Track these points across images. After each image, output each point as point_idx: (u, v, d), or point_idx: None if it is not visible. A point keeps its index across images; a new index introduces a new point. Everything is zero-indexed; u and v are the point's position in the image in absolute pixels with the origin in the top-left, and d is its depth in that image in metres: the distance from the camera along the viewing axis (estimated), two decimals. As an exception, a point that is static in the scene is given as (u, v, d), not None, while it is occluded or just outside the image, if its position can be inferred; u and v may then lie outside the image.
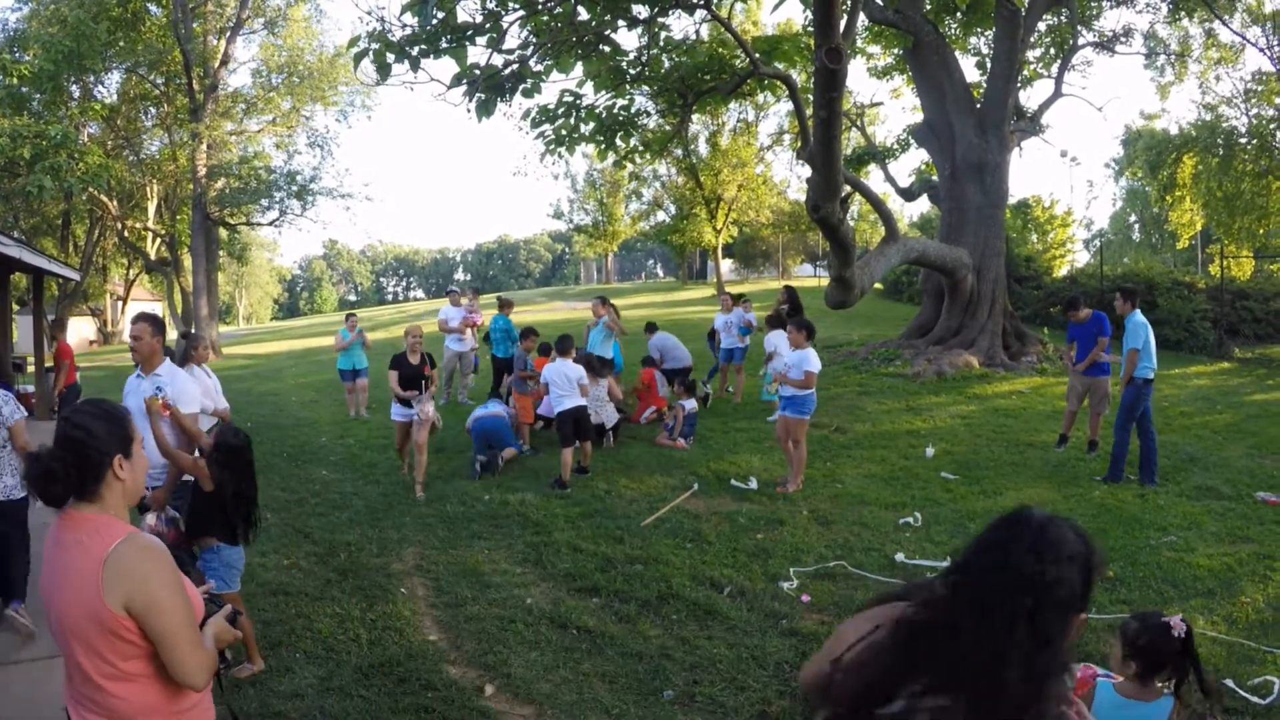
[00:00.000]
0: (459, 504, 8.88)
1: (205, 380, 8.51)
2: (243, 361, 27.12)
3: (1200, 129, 26.83)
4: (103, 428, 2.36)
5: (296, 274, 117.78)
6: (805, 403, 9.02)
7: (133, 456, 2.41)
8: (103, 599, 2.20)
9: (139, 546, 2.29)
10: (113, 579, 2.21)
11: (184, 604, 2.31)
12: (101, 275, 41.41)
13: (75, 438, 2.31)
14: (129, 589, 2.21)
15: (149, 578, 2.25)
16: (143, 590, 2.22)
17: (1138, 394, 9.32)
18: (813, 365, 8.92)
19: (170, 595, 2.27)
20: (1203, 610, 5.80)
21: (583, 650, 5.45)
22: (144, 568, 2.25)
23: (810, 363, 8.91)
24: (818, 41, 8.91)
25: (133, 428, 2.46)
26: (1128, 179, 52.71)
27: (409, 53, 8.90)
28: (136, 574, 2.23)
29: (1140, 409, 9.32)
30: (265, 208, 29.74)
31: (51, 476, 2.28)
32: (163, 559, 2.32)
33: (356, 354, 14.70)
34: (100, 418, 2.38)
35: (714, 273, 42.82)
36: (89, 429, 2.34)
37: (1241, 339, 21.05)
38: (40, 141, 22.46)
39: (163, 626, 2.24)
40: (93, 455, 2.31)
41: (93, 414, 2.39)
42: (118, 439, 2.37)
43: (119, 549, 2.25)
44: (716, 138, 37.54)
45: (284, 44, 30.83)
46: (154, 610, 2.23)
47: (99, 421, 2.37)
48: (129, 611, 2.22)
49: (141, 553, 2.28)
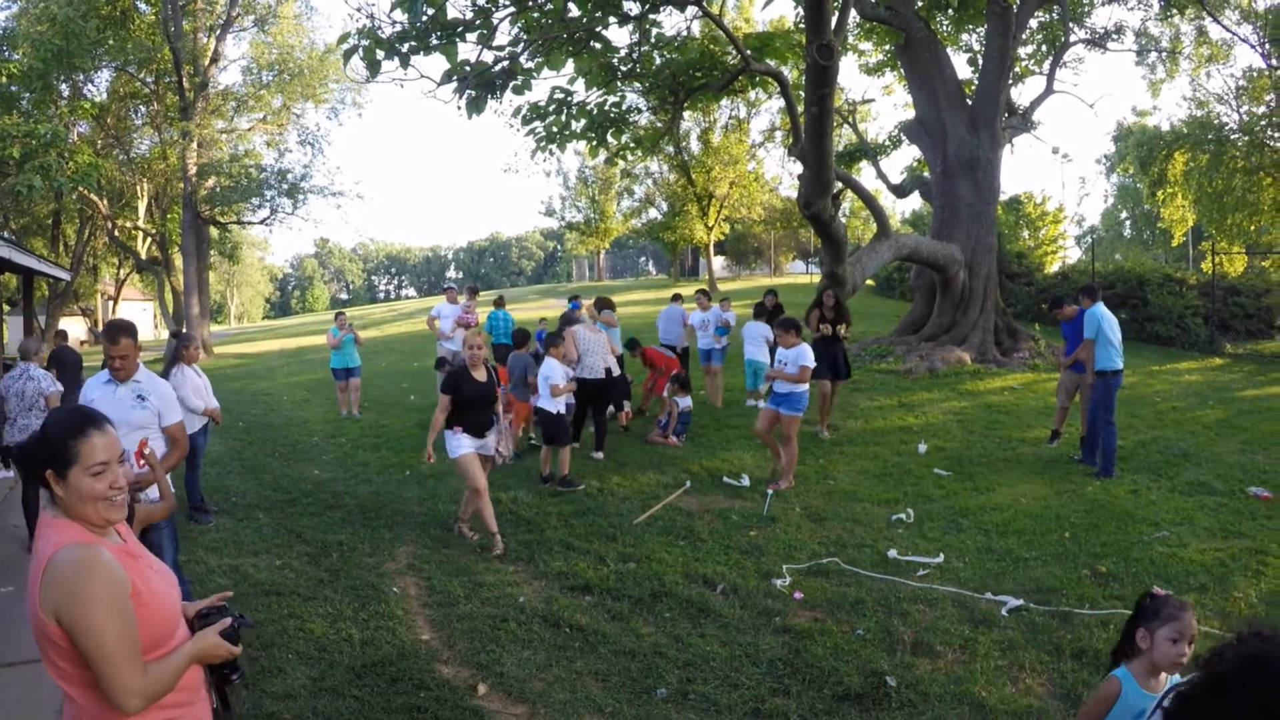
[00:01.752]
0: (451, 502, 8.85)
1: (195, 380, 8.49)
2: (234, 360, 27.06)
3: (1191, 125, 26.91)
4: (39, 437, 2.33)
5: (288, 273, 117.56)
6: (799, 399, 9.02)
7: (69, 480, 2.29)
8: (39, 608, 2.16)
9: (74, 560, 2.19)
10: (47, 588, 2.16)
11: (117, 622, 2.18)
12: (92, 275, 41.19)
13: (27, 446, 2.33)
14: (57, 601, 2.15)
15: (75, 594, 2.15)
16: (68, 606, 2.14)
17: (1106, 387, 9.44)
18: (808, 360, 8.93)
19: (100, 613, 2.16)
20: (1195, 605, 5.78)
21: (575, 649, 5.44)
22: (72, 583, 2.16)
23: (806, 358, 8.92)
24: (809, 38, 8.91)
25: (78, 449, 2.32)
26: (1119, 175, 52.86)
27: (399, 49, 8.87)
28: (65, 588, 2.15)
29: (1112, 400, 9.41)
30: (256, 206, 29.61)
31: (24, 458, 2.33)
32: (99, 575, 2.20)
33: (349, 352, 14.58)
34: (45, 426, 2.37)
35: (706, 270, 42.84)
36: (29, 441, 2.35)
37: (1233, 335, 21.11)
38: (30, 140, 22.32)
39: (86, 646, 2.15)
40: (34, 465, 2.30)
41: (48, 422, 2.39)
42: (53, 455, 2.29)
43: (55, 558, 2.18)
44: (708, 135, 37.60)
45: (274, 41, 30.73)
46: (77, 628, 2.14)
47: (43, 436, 2.34)
48: (59, 623, 2.15)
49: (72, 566, 2.18)
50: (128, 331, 5.13)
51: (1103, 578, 6.36)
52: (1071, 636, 5.34)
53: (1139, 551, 6.91)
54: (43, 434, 2.33)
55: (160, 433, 5.24)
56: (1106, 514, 7.93)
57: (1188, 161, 27.36)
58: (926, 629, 5.53)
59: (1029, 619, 5.66)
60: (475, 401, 7.31)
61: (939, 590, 6.19)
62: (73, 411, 2.43)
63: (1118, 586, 6.18)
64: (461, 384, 7.30)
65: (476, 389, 7.33)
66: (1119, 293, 21.55)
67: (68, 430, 2.32)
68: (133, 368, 5.14)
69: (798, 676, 4.96)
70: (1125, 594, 6.01)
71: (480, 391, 7.35)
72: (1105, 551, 6.92)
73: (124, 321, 5.25)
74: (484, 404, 7.39)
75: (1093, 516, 7.86)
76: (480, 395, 7.35)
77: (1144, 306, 21.23)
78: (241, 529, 8.24)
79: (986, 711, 4.53)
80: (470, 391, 7.29)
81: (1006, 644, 5.28)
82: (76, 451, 2.29)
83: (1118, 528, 7.53)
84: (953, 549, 7.11)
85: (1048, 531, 7.47)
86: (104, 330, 5.13)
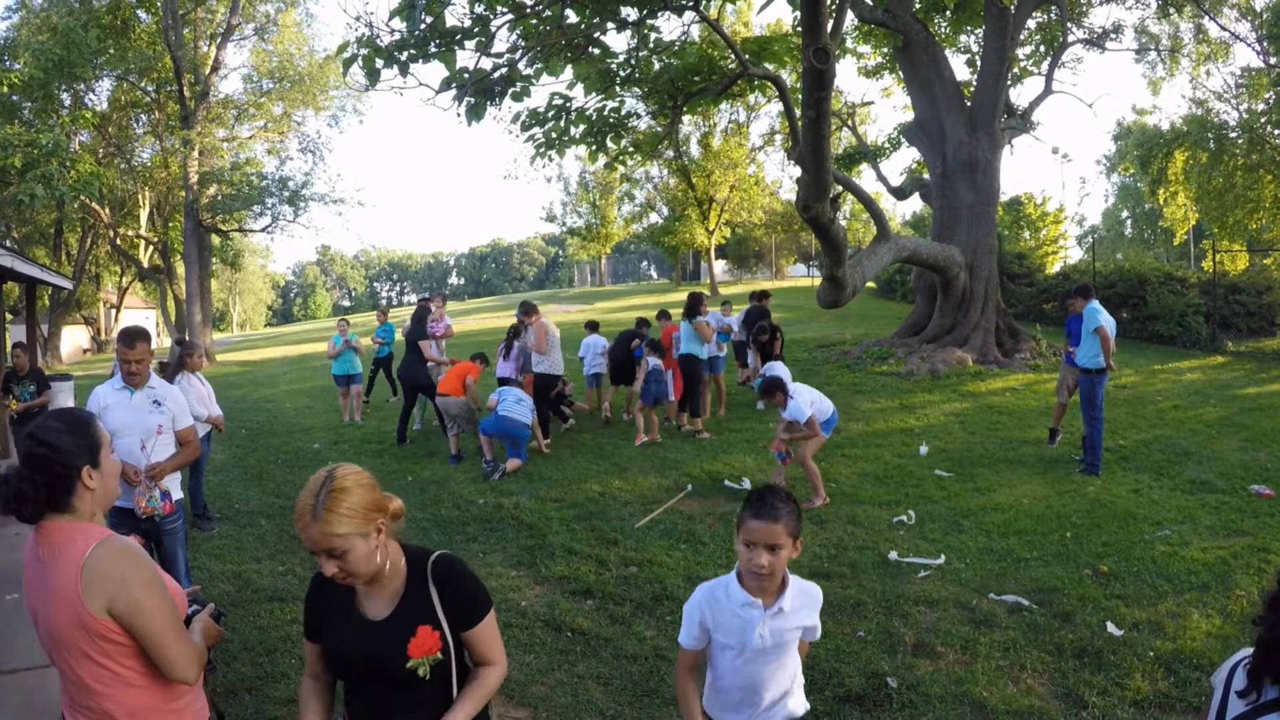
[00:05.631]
0: (453, 508, 8.88)
1: (199, 388, 8.52)
2: (237, 368, 27.10)
3: (1191, 123, 26.92)
4: (68, 441, 2.34)
5: (290, 280, 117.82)
6: (824, 424, 8.79)
7: (101, 464, 2.40)
8: (85, 606, 2.19)
9: (114, 550, 2.28)
10: (92, 585, 2.20)
11: (165, 601, 2.30)
12: (94, 283, 41.30)
13: (41, 455, 2.30)
14: (110, 593, 2.21)
15: (128, 580, 2.24)
16: (123, 593, 2.22)
17: (1092, 384, 9.49)
18: (801, 415, 8.49)
19: (151, 595, 2.27)
20: (1197, 604, 5.81)
21: (577, 653, 5.45)
22: (122, 570, 2.24)
23: (800, 414, 8.48)
24: (805, 41, 8.93)
25: (99, 435, 2.45)
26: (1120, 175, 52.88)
27: (398, 58, 8.91)
28: (115, 577, 2.22)
29: (1098, 398, 9.48)
30: (257, 214, 29.72)
31: (21, 498, 2.27)
32: (139, 559, 2.31)
33: (350, 360, 14.63)
34: (64, 431, 2.36)
35: (707, 274, 42.85)
36: (53, 445, 2.32)
37: (1234, 333, 21.12)
38: (31, 150, 22.38)
39: (147, 626, 2.24)
40: (59, 470, 2.30)
41: (56, 429, 2.36)
42: (84, 450, 2.36)
43: (95, 554, 2.24)
44: (708, 139, 37.62)
45: (275, 49, 30.82)
46: (136, 611, 2.23)
47: (64, 436, 2.35)
48: (112, 615, 2.21)
49: (117, 556, 2.27)
50: (144, 337, 5.24)
51: (1104, 577, 6.36)
52: (1073, 636, 5.34)
53: (1141, 550, 6.91)
54: (71, 432, 2.36)
55: (173, 436, 5.35)
56: (1108, 513, 7.93)
57: (1188, 159, 27.38)
58: (927, 630, 5.54)
59: (1030, 619, 5.66)
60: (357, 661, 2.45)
61: (941, 591, 6.20)
62: (65, 410, 2.50)
63: (1119, 586, 6.19)
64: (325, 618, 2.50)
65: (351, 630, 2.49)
66: (1120, 292, 21.56)
67: (82, 421, 2.43)
68: (147, 373, 5.25)
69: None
70: (1127, 593, 6.02)
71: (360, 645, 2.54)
72: (1107, 551, 6.93)
73: (139, 328, 5.35)
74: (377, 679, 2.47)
75: (1094, 516, 7.86)
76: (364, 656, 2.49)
77: (1145, 306, 21.23)
78: (244, 535, 8.26)
79: (988, 712, 4.54)
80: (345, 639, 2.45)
81: (1008, 644, 5.28)
82: (99, 435, 2.44)
83: (1119, 527, 7.53)
84: (954, 550, 7.11)
85: (1049, 531, 7.47)
86: (120, 335, 5.20)
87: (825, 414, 8.81)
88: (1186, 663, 4.95)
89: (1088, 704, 4.56)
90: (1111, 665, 4.97)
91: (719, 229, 39.85)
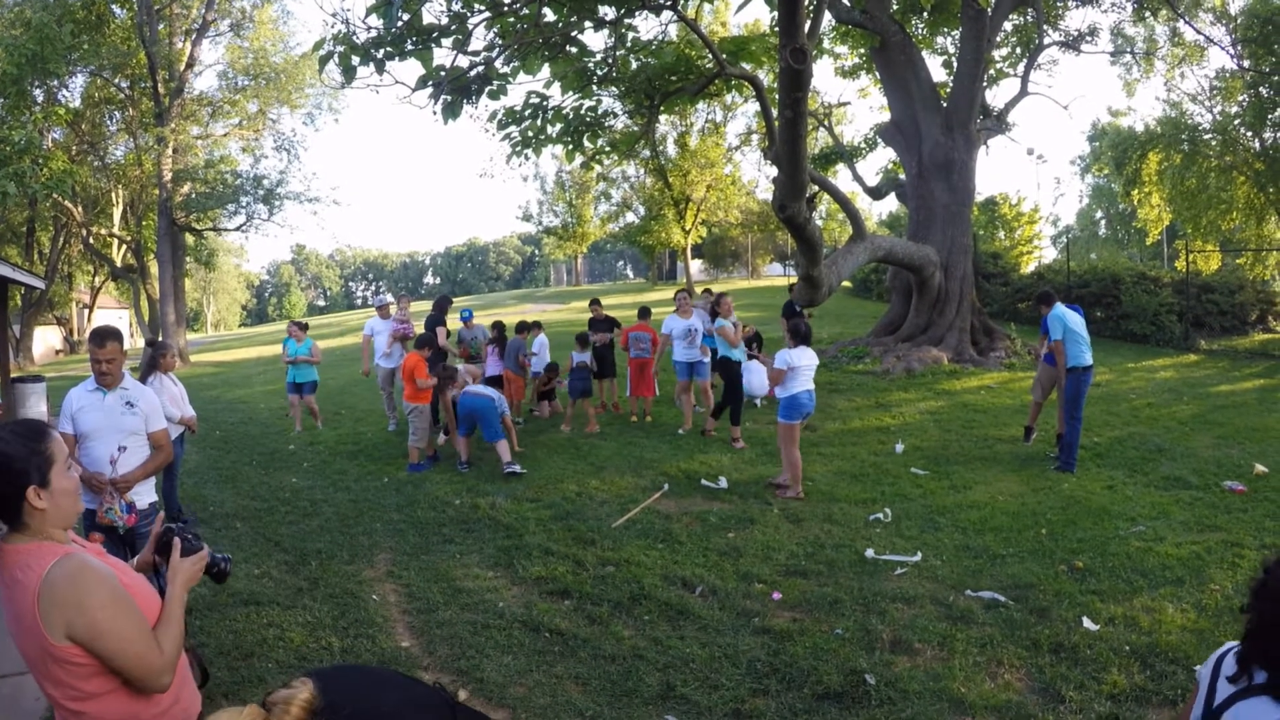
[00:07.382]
0: (429, 509, 8.83)
1: (171, 388, 8.45)
2: (211, 369, 26.86)
3: (1165, 125, 27.17)
4: (15, 458, 2.22)
5: (265, 279, 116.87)
6: (787, 407, 8.88)
7: (51, 482, 2.27)
8: (45, 635, 2.14)
9: (67, 573, 2.19)
10: (50, 613, 2.14)
11: (127, 617, 2.22)
12: (67, 283, 40.83)
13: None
14: (67, 619, 2.14)
15: (84, 604, 2.16)
16: (81, 619, 2.15)
17: (1077, 383, 9.59)
18: (779, 362, 8.88)
19: (110, 615, 2.19)
20: (1172, 599, 5.86)
21: (555, 653, 5.43)
22: (76, 594, 2.16)
23: (780, 361, 8.87)
24: (782, 42, 8.92)
25: (51, 451, 2.30)
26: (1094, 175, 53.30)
27: (374, 55, 8.83)
28: (70, 602, 2.15)
29: (1082, 397, 9.56)
30: (232, 213, 29.43)
31: None
32: (94, 578, 2.22)
33: (302, 369, 13.62)
34: (11, 445, 2.24)
35: (684, 273, 42.84)
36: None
37: (1207, 331, 21.33)
38: (4, 147, 22.12)
39: (108, 649, 2.18)
40: (4, 490, 2.20)
41: (3, 441, 2.24)
42: (31, 469, 2.24)
43: (48, 578, 2.16)
44: (685, 138, 37.55)
45: (250, 46, 30.48)
46: (96, 636, 2.16)
47: (12, 448, 2.22)
48: (73, 640, 2.15)
49: (70, 579, 2.18)
50: (115, 336, 5.15)
51: (1080, 573, 6.41)
52: (1049, 631, 5.38)
53: (1115, 546, 6.97)
54: (12, 451, 2.23)
55: (146, 439, 5.26)
56: (1083, 510, 7.99)
57: (1162, 161, 27.64)
58: (905, 627, 5.56)
59: (1006, 615, 5.69)
60: None
61: (918, 588, 6.22)
62: (19, 422, 2.38)
63: (1095, 581, 6.24)
64: None
65: None
66: (1094, 291, 21.72)
67: (34, 436, 2.31)
68: (119, 374, 5.17)
69: (777, 676, 4.97)
70: (1102, 589, 6.07)
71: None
72: (1082, 547, 6.98)
73: (110, 327, 5.28)
74: None
75: (1069, 513, 7.92)
76: None
77: (1119, 305, 21.41)
78: (219, 538, 8.18)
79: (965, 707, 4.56)
80: None
81: (984, 640, 5.31)
82: (52, 452, 2.31)
83: (1094, 523, 7.60)
84: (930, 547, 7.15)
85: (1025, 528, 7.52)
86: (91, 335, 5.13)
87: (798, 383, 8.83)
88: (1162, 656, 4.99)
89: (1064, 698, 4.59)
90: (1087, 660, 5.00)
91: (695, 228, 39.81)
